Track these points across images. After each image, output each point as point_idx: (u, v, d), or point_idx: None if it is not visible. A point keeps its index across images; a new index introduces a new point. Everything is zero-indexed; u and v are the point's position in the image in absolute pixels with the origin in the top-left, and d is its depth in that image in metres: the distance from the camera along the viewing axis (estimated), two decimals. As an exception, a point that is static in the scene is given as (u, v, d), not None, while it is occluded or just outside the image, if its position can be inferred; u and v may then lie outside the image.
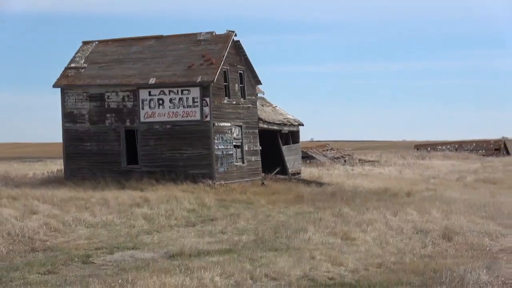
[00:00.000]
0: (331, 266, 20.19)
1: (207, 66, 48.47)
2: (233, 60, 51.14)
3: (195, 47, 50.38)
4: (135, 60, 51.00)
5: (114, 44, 53.51)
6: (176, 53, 50.52)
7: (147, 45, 52.32)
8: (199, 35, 51.28)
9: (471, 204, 38.39)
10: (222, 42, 50.23)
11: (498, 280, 17.68)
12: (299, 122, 64.41)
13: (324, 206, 35.57)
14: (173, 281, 16.15)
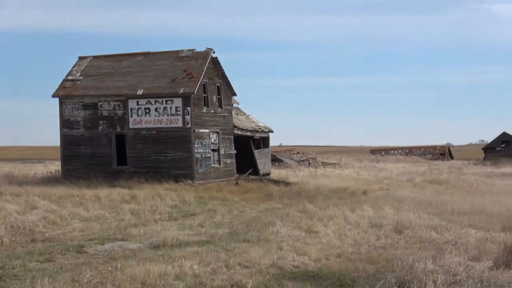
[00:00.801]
0: (296, 256, 20.21)
1: (188, 79, 48.53)
2: (212, 74, 51.19)
3: (178, 63, 50.43)
4: (125, 74, 50.98)
5: (106, 59, 53.47)
6: (161, 67, 50.53)
7: (136, 60, 52.32)
8: (182, 52, 51.40)
9: (419, 202, 38.55)
10: (202, 58, 50.37)
11: (443, 269, 17.74)
12: (269, 129, 64.56)
13: (290, 203, 35.62)
14: (157, 268, 16.12)
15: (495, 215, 33.70)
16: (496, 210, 36.26)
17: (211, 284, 15.50)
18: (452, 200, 41.89)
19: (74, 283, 14.48)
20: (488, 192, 54.43)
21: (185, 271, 16.36)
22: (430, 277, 16.59)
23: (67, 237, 23.71)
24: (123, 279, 14.91)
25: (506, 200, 46.41)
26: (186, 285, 15.16)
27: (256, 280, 16.29)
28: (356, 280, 17.13)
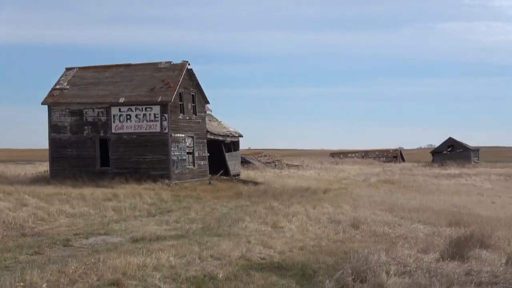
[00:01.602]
0: (263, 249, 20.21)
1: (166, 89, 48.44)
2: (187, 84, 51.14)
3: (156, 74, 50.33)
4: (108, 83, 50.80)
5: (91, 70, 53.24)
6: (141, 78, 50.38)
7: (118, 71, 52.14)
8: (160, 64, 51.36)
9: (374, 200, 38.77)
10: (178, 69, 50.34)
11: (395, 260, 17.83)
12: (239, 134, 64.62)
13: (258, 201, 35.64)
14: (136, 260, 16.05)
15: (442, 211, 33.97)
16: (442, 207, 36.59)
17: (185, 275, 15.46)
18: (403, 198, 42.21)
19: (61, 273, 14.38)
20: (436, 191, 54.90)
21: (162, 263, 16.32)
22: (383, 268, 16.66)
23: (54, 232, 23.54)
24: (106, 270, 14.84)
25: (451, 198, 46.87)
26: (163, 275, 15.11)
27: (227, 271, 16.29)
28: (317, 271, 17.17)
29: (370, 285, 15.25)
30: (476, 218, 31.27)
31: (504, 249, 20.07)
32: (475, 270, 16.96)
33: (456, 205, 39.46)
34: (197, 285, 14.76)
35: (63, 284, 13.60)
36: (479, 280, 16.00)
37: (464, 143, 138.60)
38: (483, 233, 21.96)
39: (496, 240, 21.66)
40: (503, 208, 41.05)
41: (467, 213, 33.70)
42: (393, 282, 15.46)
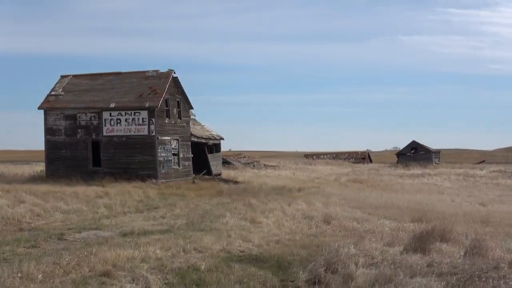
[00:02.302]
0: (242, 242, 20.20)
1: (153, 95, 48.42)
2: (173, 91, 51.11)
3: (144, 81, 50.29)
4: (100, 90, 50.68)
5: (84, 78, 53.14)
6: (130, 85, 50.31)
7: (109, 79, 52.05)
8: (148, 72, 51.34)
9: (344, 197, 38.81)
10: (164, 77, 50.32)
11: (363, 253, 17.88)
12: (220, 137, 64.66)
13: (238, 198, 35.60)
14: (125, 253, 16.01)
15: (406, 208, 34.07)
16: (406, 204, 36.68)
17: (171, 266, 15.44)
18: (371, 196, 42.30)
19: (55, 265, 14.33)
20: (400, 189, 55.11)
21: (149, 255, 16.28)
22: (352, 260, 16.71)
23: (49, 227, 23.43)
24: (97, 262, 14.80)
25: (415, 196, 47.03)
26: (150, 266, 15.07)
27: (209, 263, 16.28)
28: (292, 262, 17.20)
29: (340, 275, 15.28)
30: (437, 214, 31.39)
31: (462, 242, 20.19)
32: (436, 262, 17.05)
33: (418, 202, 39.58)
34: (181, 276, 14.74)
35: (57, 275, 13.54)
36: (439, 271, 16.09)
37: (426, 145, 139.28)
38: (443, 228, 22.07)
39: (455, 234, 21.75)
40: (461, 206, 41.25)
41: (428, 210, 33.81)
42: (361, 273, 15.51)
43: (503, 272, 15.64)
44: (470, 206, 41.46)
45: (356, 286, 14.41)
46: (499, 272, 15.64)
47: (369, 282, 14.72)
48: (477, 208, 40.12)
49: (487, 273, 15.54)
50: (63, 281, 13.15)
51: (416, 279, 15.11)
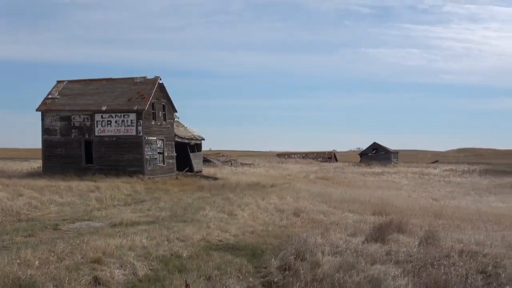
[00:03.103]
0: (220, 232, 20.22)
1: (141, 100, 48.27)
2: (158, 95, 50.95)
3: (133, 87, 50.10)
4: (92, 94, 50.41)
5: (78, 83, 52.81)
6: (120, 90, 50.10)
7: (101, 84, 51.80)
8: (136, 78, 51.15)
9: (312, 193, 38.96)
10: (151, 83, 50.18)
11: (328, 242, 17.94)
12: (201, 138, 64.53)
13: (216, 193, 35.61)
14: (114, 242, 15.94)
15: (367, 203, 34.30)
16: (368, 199, 36.91)
17: (155, 254, 15.40)
18: (336, 192, 42.51)
19: (50, 252, 14.24)
20: (362, 186, 55.48)
21: (136, 244, 16.24)
22: (319, 249, 16.76)
23: (45, 218, 23.27)
24: (88, 250, 14.73)
25: (375, 191, 47.34)
26: (137, 254, 15.03)
27: (190, 251, 16.27)
28: (265, 251, 17.23)
29: (308, 263, 15.33)
30: (395, 208, 31.64)
31: (417, 233, 20.35)
32: (393, 251, 17.17)
33: (379, 197, 39.86)
34: (165, 262, 14.72)
35: (52, 262, 13.46)
36: (397, 259, 16.19)
37: (386, 146, 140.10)
38: (400, 220, 22.23)
39: (411, 226, 21.93)
40: (417, 201, 41.62)
41: (387, 204, 34.06)
42: (327, 260, 15.56)
43: (453, 260, 15.78)
44: (424, 201, 41.84)
45: (322, 272, 14.45)
46: (450, 260, 15.77)
47: (334, 268, 14.78)
48: (431, 203, 40.51)
49: (439, 261, 15.66)
50: (57, 267, 13.07)
51: (376, 266, 15.19)
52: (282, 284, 14.04)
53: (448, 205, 38.76)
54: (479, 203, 44.62)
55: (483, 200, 48.49)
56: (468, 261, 15.70)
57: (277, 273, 14.86)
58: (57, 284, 11.73)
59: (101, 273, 12.85)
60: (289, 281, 14.06)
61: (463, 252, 16.65)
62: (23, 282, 11.59)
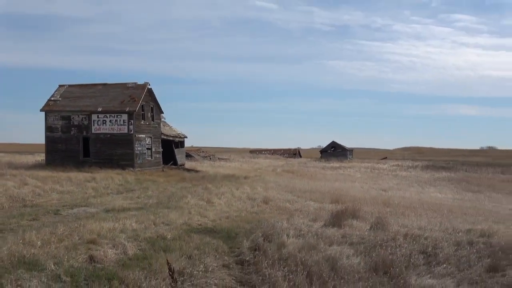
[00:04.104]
0: (200, 218, 20.19)
1: (132, 102, 47.95)
2: (147, 99, 50.63)
3: (125, 91, 49.74)
4: (90, 97, 49.92)
5: (78, 87, 52.23)
6: (114, 94, 49.68)
7: (98, 88, 51.31)
8: (128, 84, 50.77)
9: (279, 184, 39.06)
10: (141, 88, 49.89)
11: (293, 227, 18.01)
12: (184, 135, 64.25)
13: (197, 183, 35.53)
14: (108, 225, 15.85)
15: (326, 193, 34.46)
16: (327, 190, 37.09)
17: (143, 236, 15.34)
18: (300, 183, 42.65)
19: (52, 234, 14.10)
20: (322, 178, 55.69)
21: (126, 227, 16.17)
22: (285, 232, 16.81)
23: (48, 204, 23.07)
24: (85, 232, 14.62)
25: (333, 183, 47.57)
26: (127, 236, 14.95)
27: (174, 233, 16.23)
28: (238, 234, 17.25)
29: (275, 244, 15.37)
30: (350, 197, 31.83)
31: (368, 219, 20.51)
32: (348, 234, 17.28)
33: (336, 188, 40.06)
34: (152, 243, 14.66)
35: (53, 242, 13.34)
36: (351, 241, 16.31)
37: (342, 145, 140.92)
38: (354, 208, 22.38)
39: (363, 213, 22.10)
40: (368, 191, 41.90)
41: (343, 194, 34.26)
42: (291, 242, 15.62)
43: (398, 242, 15.94)
44: (375, 192, 42.15)
45: (287, 252, 14.50)
46: (396, 242, 15.93)
47: (297, 249, 14.84)
48: (380, 193, 40.82)
49: (386, 243, 15.81)
50: (57, 247, 12.96)
51: (333, 247, 15.28)
52: (252, 262, 14.06)
53: (395, 195, 39.10)
54: (421, 194, 45.10)
55: (424, 191, 49.00)
56: (411, 243, 15.87)
57: (248, 252, 14.87)
58: (57, 261, 11.63)
59: (96, 252, 12.76)
60: (258, 259, 14.08)
61: (407, 235, 16.82)
62: (27, 260, 11.50)
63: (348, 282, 12.32)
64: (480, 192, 51.22)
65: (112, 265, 12.15)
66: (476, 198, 44.48)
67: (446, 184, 59.31)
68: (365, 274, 13.09)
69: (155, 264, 12.21)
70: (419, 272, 13.45)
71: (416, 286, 12.38)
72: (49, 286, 10.33)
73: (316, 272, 12.75)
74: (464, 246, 15.58)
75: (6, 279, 10.10)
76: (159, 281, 11.08)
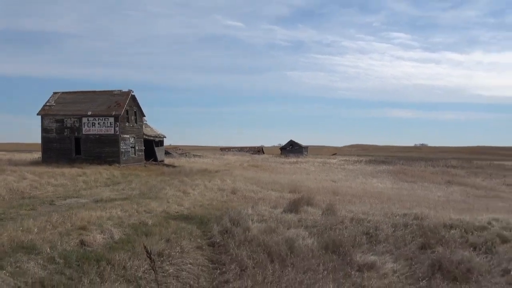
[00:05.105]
0: (177, 206, 20.09)
1: (117, 107, 47.39)
2: (131, 104, 50.07)
3: (111, 97, 49.09)
4: (81, 102, 49.11)
5: (70, 94, 51.30)
6: (102, 100, 48.99)
7: (87, 95, 50.47)
8: (114, 91, 50.15)
9: (245, 177, 39.03)
10: (125, 95, 49.32)
11: (257, 213, 18.06)
12: (163, 135, 63.76)
13: (174, 177, 35.27)
14: (96, 214, 15.64)
15: (285, 184, 34.62)
16: (286, 181, 37.26)
17: (128, 222, 15.19)
18: (263, 176, 42.74)
19: (47, 222, 13.85)
20: (282, 171, 55.89)
21: (113, 215, 15.98)
22: (249, 218, 16.85)
23: (44, 196, 22.64)
24: (76, 220, 14.40)
25: (291, 176, 47.79)
26: (114, 223, 14.78)
27: (154, 220, 16.12)
28: (210, 219, 17.22)
29: (242, 228, 15.40)
30: (305, 188, 32.06)
31: (321, 206, 20.69)
32: (303, 219, 17.40)
33: (294, 180, 40.29)
34: (135, 229, 14.53)
35: (48, 229, 13.12)
36: (306, 225, 16.43)
37: (299, 143, 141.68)
38: (309, 196, 22.55)
39: (316, 200, 22.28)
40: (321, 182, 42.21)
41: (300, 185, 34.48)
42: (255, 226, 15.67)
43: (346, 225, 16.12)
44: (326, 183, 42.48)
45: (252, 235, 14.54)
46: (343, 225, 16.11)
47: (260, 232, 14.90)
48: (331, 184, 41.17)
49: (336, 226, 15.97)
50: (52, 232, 12.75)
51: (291, 230, 15.38)
52: (222, 244, 14.07)
53: (343, 186, 39.50)
54: (365, 184, 45.64)
55: (367, 181, 49.61)
56: (356, 226, 16.07)
57: (219, 236, 14.88)
58: (52, 246, 11.45)
59: (86, 237, 12.60)
60: (227, 241, 14.10)
61: (353, 219, 17.03)
62: (25, 244, 11.28)
63: (303, 259, 12.43)
64: (414, 182, 52.09)
65: (101, 248, 12.01)
66: (411, 187, 45.24)
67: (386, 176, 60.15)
68: (317, 252, 13.22)
69: (138, 247, 12.12)
70: (363, 250, 13.64)
71: (361, 262, 12.56)
72: (45, 267, 10.17)
73: (276, 251, 12.82)
74: (400, 227, 15.85)
75: (6, 262, 9.91)
76: (141, 261, 11.02)
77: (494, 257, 13.12)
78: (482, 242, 14.21)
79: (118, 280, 9.90)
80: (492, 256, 13.25)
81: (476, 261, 12.63)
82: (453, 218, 17.23)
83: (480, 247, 13.86)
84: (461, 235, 14.92)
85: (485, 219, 17.09)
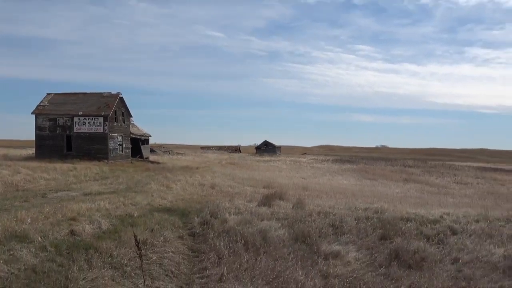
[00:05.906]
0: (161, 200, 19.90)
1: (107, 108, 46.83)
2: (119, 105, 49.52)
3: (101, 99, 48.49)
4: (72, 103, 48.40)
5: (62, 95, 50.49)
6: (92, 101, 48.35)
7: (79, 96, 49.75)
8: (104, 93, 49.54)
9: (223, 173, 38.97)
10: (114, 97, 48.76)
11: (234, 206, 18.03)
12: (149, 134, 63.24)
13: (158, 172, 34.98)
14: (85, 205, 15.40)
15: (260, 180, 34.65)
16: (260, 178, 37.29)
17: (115, 214, 15.00)
18: (240, 172, 42.70)
19: (39, 213, 13.59)
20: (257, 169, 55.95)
21: (101, 207, 15.75)
22: (227, 210, 16.82)
23: (36, 189, 22.22)
24: (67, 211, 14.16)
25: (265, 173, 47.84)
26: (102, 214, 14.57)
27: (139, 212, 15.96)
28: (191, 212, 17.13)
29: (219, 220, 15.36)
30: (278, 184, 32.14)
31: (291, 200, 20.76)
32: (276, 212, 17.42)
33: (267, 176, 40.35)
34: (121, 220, 14.36)
35: (40, 219, 12.87)
36: (278, 217, 16.45)
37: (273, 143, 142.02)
38: (281, 191, 22.61)
39: (288, 195, 22.35)
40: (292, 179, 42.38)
41: (273, 181, 34.55)
42: (232, 218, 15.64)
43: (314, 218, 16.20)
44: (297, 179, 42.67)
45: (229, 226, 14.51)
46: (312, 218, 16.18)
47: (237, 223, 14.87)
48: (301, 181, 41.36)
49: (305, 218, 16.04)
50: (44, 223, 12.51)
51: (264, 222, 15.39)
52: (202, 234, 14.01)
53: (312, 182, 39.73)
54: (331, 181, 45.98)
55: (334, 179, 49.97)
56: (323, 218, 16.16)
57: (198, 226, 14.81)
58: (44, 235, 11.24)
59: (76, 227, 12.40)
60: (206, 232, 14.04)
61: (320, 212, 17.12)
62: (19, 234, 11.04)
63: (275, 248, 12.46)
64: (375, 179, 52.66)
65: (89, 238, 11.84)
66: (372, 184, 45.71)
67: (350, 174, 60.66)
68: (288, 242, 13.27)
69: (124, 236, 11.98)
70: (329, 241, 13.73)
71: (327, 251, 12.65)
72: (37, 254, 9.98)
73: (251, 241, 12.82)
74: (363, 220, 16.00)
75: (0, 250, 9.69)
76: (127, 250, 10.89)
77: (445, 247, 13.35)
78: (435, 233, 14.44)
79: (105, 267, 9.77)
80: (443, 246, 13.47)
81: (430, 251, 12.83)
82: (410, 212, 17.48)
83: (433, 238, 14.08)
84: (417, 227, 15.13)
85: (437, 213, 17.37)
